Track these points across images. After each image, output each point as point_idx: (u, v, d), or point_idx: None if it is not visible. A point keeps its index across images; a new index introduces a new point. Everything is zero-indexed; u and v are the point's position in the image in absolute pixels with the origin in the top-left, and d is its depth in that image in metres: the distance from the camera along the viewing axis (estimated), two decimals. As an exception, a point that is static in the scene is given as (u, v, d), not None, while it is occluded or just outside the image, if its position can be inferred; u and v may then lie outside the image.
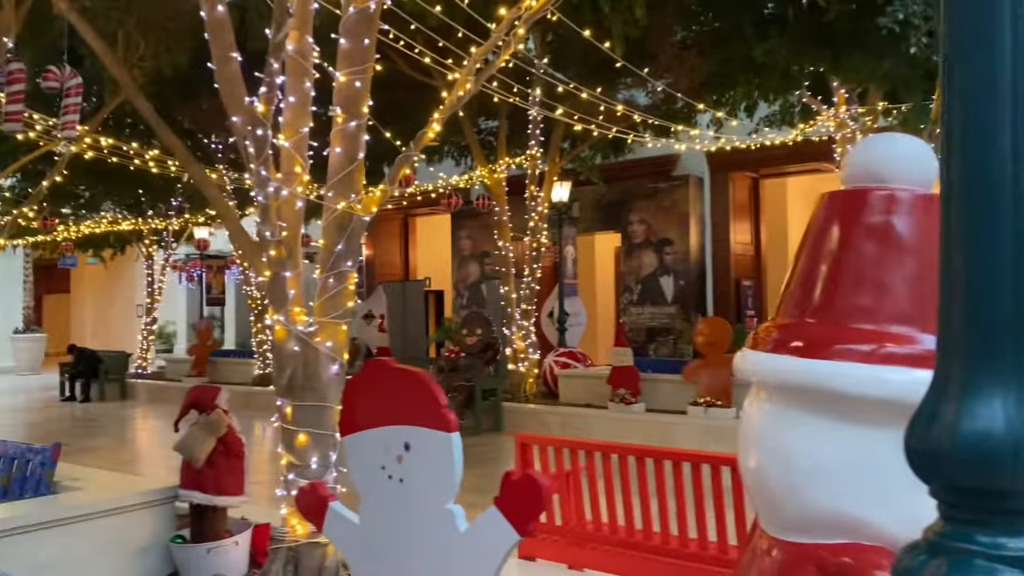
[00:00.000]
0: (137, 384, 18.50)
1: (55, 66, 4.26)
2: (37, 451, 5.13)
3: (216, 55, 4.76)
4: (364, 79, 4.77)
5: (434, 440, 2.83)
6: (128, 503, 4.62)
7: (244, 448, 4.81)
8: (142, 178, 15.62)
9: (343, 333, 4.62)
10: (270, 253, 4.37)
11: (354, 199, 4.68)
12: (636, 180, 17.36)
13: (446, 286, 21.81)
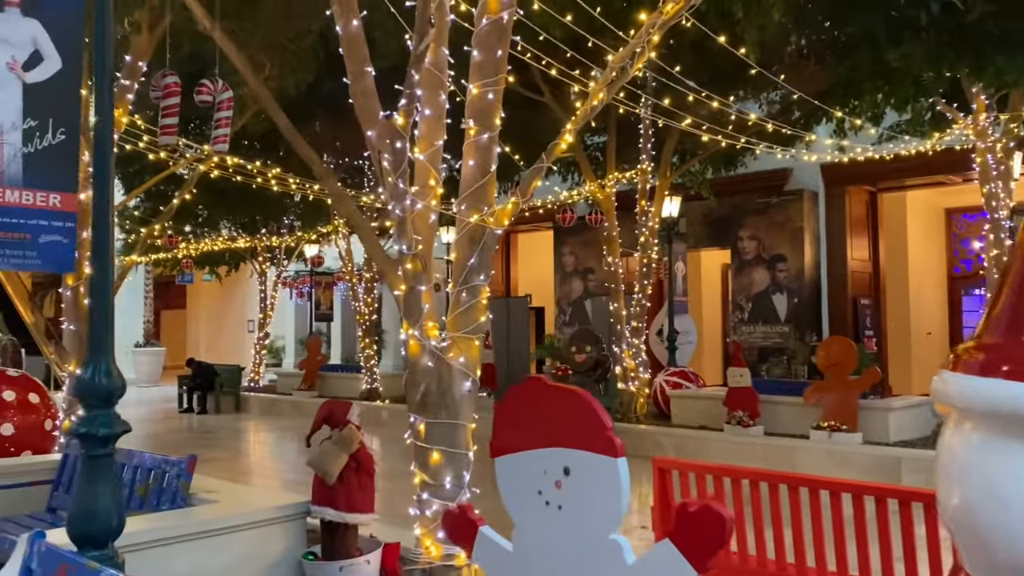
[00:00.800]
0: (250, 397, 19.02)
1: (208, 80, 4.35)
2: (173, 463, 5.20)
3: (351, 69, 4.76)
4: (496, 91, 4.69)
5: (598, 465, 2.65)
6: (263, 518, 4.60)
7: (375, 465, 4.74)
8: (258, 197, 16.12)
9: (476, 348, 4.51)
10: (406, 267, 4.30)
11: (487, 212, 4.58)
12: (746, 195, 16.86)
13: (547, 303, 21.68)
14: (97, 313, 3.11)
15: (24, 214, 3.47)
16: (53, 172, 3.52)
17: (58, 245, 3.52)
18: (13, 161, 3.41)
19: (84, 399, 3.11)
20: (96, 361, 3.08)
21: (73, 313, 7.67)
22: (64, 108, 3.57)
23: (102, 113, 3.07)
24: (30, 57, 3.49)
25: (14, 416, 7.89)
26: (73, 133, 3.58)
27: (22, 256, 3.46)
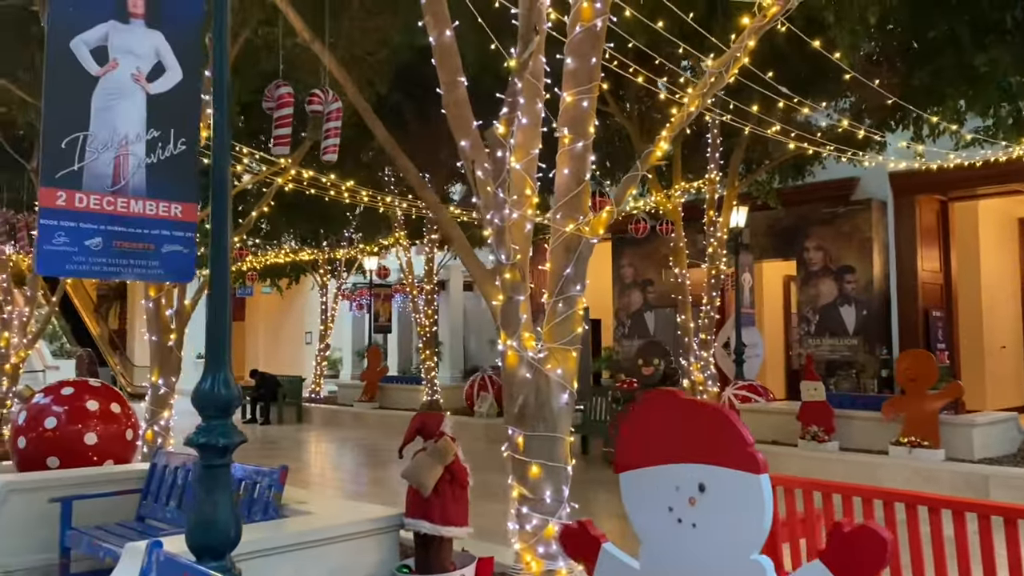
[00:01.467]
0: (312, 408, 19.20)
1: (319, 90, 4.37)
2: (265, 473, 5.22)
3: (444, 80, 4.74)
4: (591, 99, 4.63)
5: (737, 482, 2.55)
6: (358, 530, 4.58)
7: (469, 477, 4.69)
8: (319, 209, 16.31)
9: (573, 360, 4.44)
10: (504, 277, 4.25)
11: (582, 221, 4.52)
12: (812, 205, 16.54)
13: (603, 315, 21.51)
14: (215, 325, 3.11)
15: (147, 224, 3.51)
16: (174, 182, 3.55)
17: (179, 255, 3.55)
18: (137, 171, 3.45)
19: (203, 409, 3.11)
20: (215, 372, 3.08)
21: (155, 324, 7.78)
22: (184, 119, 3.61)
23: (219, 125, 3.08)
24: (153, 68, 3.54)
25: (97, 426, 8.00)
26: (193, 144, 3.62)
27: (145, 266, 3.49)
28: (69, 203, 3.31)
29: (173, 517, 5.84)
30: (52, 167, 3.27)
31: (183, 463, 6.02)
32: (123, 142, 3.42)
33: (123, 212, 3.43)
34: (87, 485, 6.29)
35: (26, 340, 12.25)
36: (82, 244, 3.32)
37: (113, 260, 3.41)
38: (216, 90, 3.07)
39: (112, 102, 3.41)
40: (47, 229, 3.24)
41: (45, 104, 3.33)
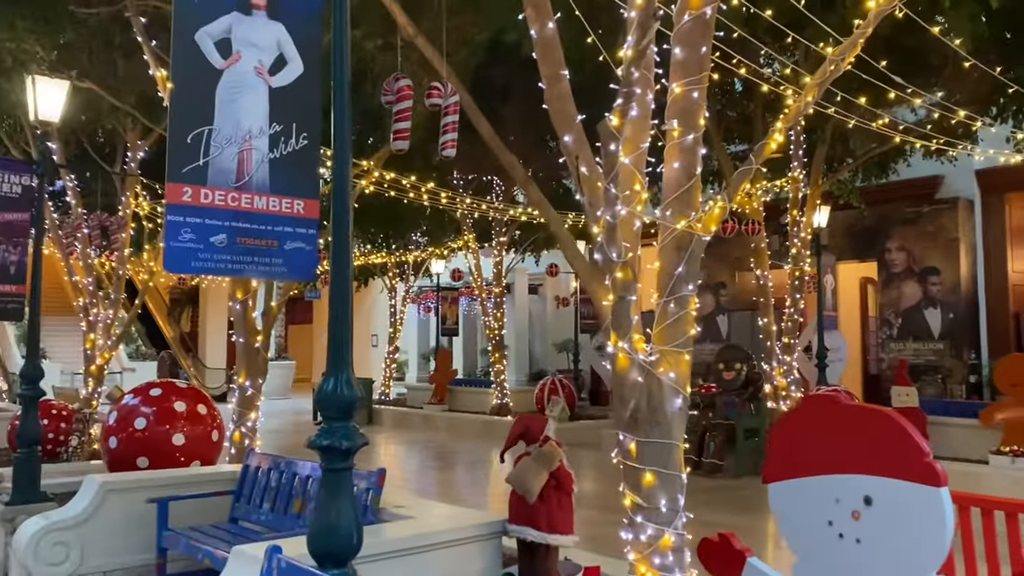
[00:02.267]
0: (382, 410, 19.28)
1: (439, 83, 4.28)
2: (363, 475, 5.13)
3: (546, 73, 4.60)
4: (701, 89, 4.44)
5: (912, 495, 2.33)
6: (460, 536, 4.46)
7: (574, 483, 4.53)
8: (390, 212, 16.33)
9: (686, 363, 4.25)
10: (615, 276, 4.09)
11: (693, 217, 4.33)
12: (894, 204, 15.96)
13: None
14: (336, 325, 3.02)
15: (271, 221, 3.45)
16: (296, 178, 3.49)
17: (301, 252, 3.49)
18: (260, 167, 3.40)
19: (325, 411, 3.02)
20: (336, 373, 2.99)
21: (242, 326, 7.81)
22: (306, 112, 3.54)
23: (340, 120, 2.99)
24: (275, 61, 3.48)
25: (184, 427, 8.06)
26: (314, 138, 3.55)
27: (269, 264, 3.43)
28: (195, 199, 3.26)
29: (267, 520, 5.81)
30: (178, 162, 3.23)
31: (274, 465, 5.99)
32: (247, 137, 3.36)
33: (247, 208, 3.37)
34: (181, 486, 6.31)
35: (110, 342, 12.51)
36: (207, 241, 3.27)
37: (237, 257, 3.35)
38: (337, 82, 2.98)
39: (236, 95, 3.35)
40: (173, 226, 3.20)
41: (171, 98, 3.28)
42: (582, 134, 4.51)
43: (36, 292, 6.89)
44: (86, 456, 10.47)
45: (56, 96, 6.83)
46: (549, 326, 25.10)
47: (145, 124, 11.86)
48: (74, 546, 5.79)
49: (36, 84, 6.70)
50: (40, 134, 6.91)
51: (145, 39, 7.61)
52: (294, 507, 5.63)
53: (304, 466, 5.74)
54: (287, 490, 5.75)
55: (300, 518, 5.52)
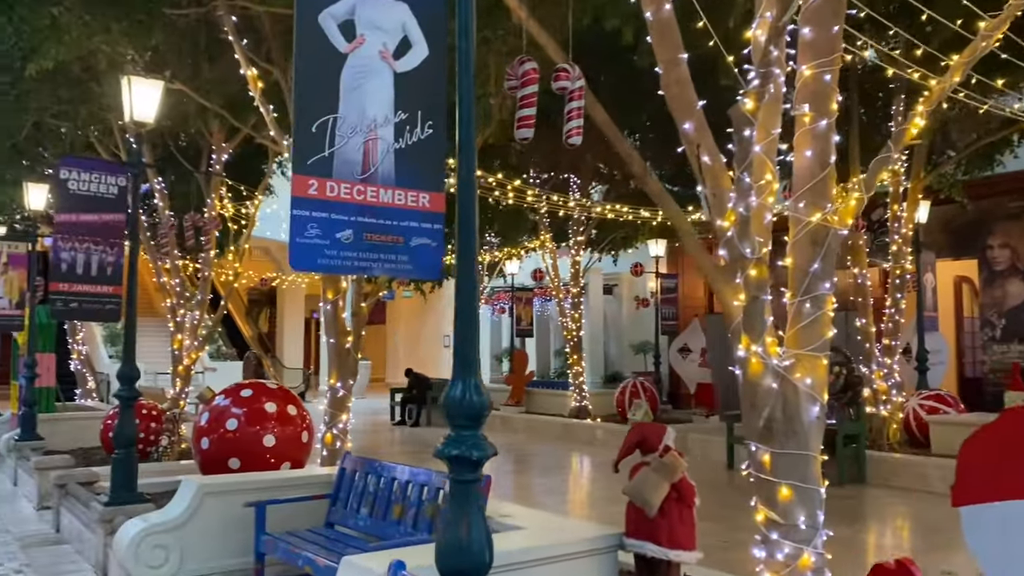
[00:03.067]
0: (458, 411, 19.15)
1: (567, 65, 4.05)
2: (465, 484, 4.93)
3: (663, 58, 4.32)
4: (833, 71, 4.10)
5: None
6: (574, 550, 4.21)
7: (696, 496, 4.24)
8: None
9: (823, 368, 3.91)
10: (749, 273, 3.78)
11: (829, 209, 3.99)
12: (996, 199, 15.12)
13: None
14: (463, 326, 2.80)
15: (396, 215, 3.26)
16: (422, 169, 3.29)
17: (427, 249, 3.29)
18: (385, 157, 3.21)
19: (453, 419, 2.80)
20: (465, 377, 2.77)
21: (332, 327, 7.72)
22: (431, 99, 3.34)
23: (465, 108, 2.77)
24: (399, 44, 3.29)
25: (275, 427, 8.01)
26: (440, 127, 3.35)
27: (395, 261, 3.25)
28: (320, 192, 3.08)
29: (365, 525, 5.66)
30: (303, 153, 3.05)
31: (372, 469, 5.84)
32: (371, 125, 3.18)
33: (373, 202, 3.18)
34: (277, 489, 6.22)
35: (196, 343, 12.65)
36: (333, 237, 3.09)
37: (364, 254, 3.16)
38: (461, 66, 2.77)
39: (360, 81, 3.17)
40: (299, 221, 3.02)
41: (296, 84, 3.12)
42: (703, 121, 4.22)
43: (132, 293, 6.91)
44: (175, 456, 10.57)
45: (151, 96, 6.84)
46: (625, 327, 24.66)
47: (230, 126, 11.98)
48: (173, 549, 5.74)
49: (132, 85, 6.71)
50: (135, 135, 6.93)
51: (236, 38, 7.58)
52: (394, 512, 5.46)
53: (403, 471, 5.57)
54: (386, 495, 5.58)
55: (400, 524, 5.35)
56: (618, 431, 15.12)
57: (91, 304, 6.80)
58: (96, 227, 6.67)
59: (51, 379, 12.06)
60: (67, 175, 6.60)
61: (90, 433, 11.71)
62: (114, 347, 24.95)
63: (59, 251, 6.51)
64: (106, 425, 10.68)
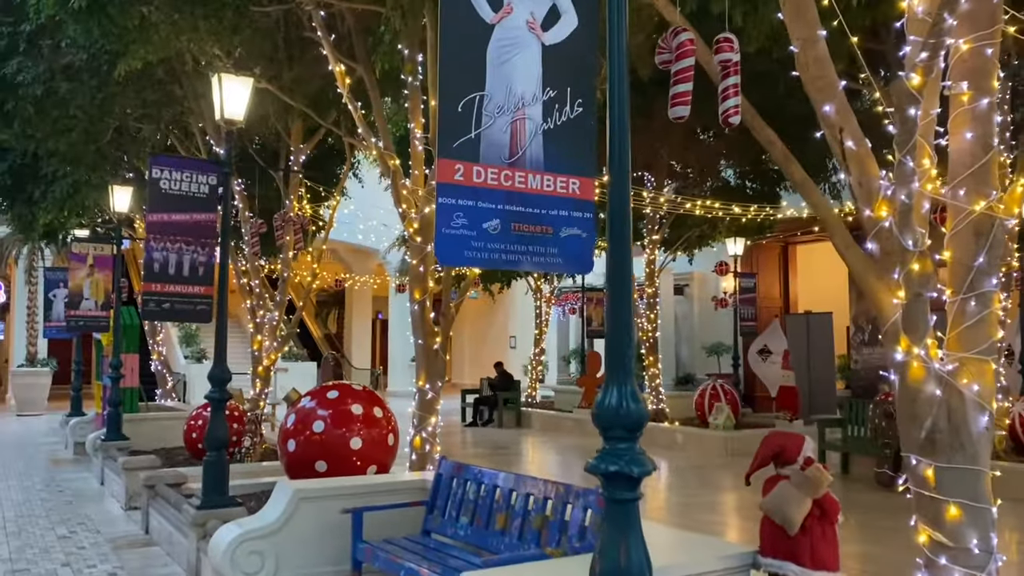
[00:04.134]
0: (531, 413, 18.91)
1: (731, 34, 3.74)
2: (578, 493, 4.66)
3: (799, 35, 3.97)
4: (994, 45, 3.71)
5: None
6: (705, 569, 3.89)
7: (840, 513, 3.89)
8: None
9: (991, 373, 3.53)
10: (911, 268, 3.43)
11: (994, 197, 3.61)
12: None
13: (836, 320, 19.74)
14: (615, 323, 2.53)
15: (545, 203, 3.00)
16: (572, 152, 3.02)
17: (577, 240, 3.02)
18: (533, 139, 2.95)
19: (608, 429, 2.53)
20: (620, 383, 2.49)
21: (420, 327, 7.53)
22: (580, 75, 3.07)
23: (616, 83, 2.50)
24: (547, 13, 3.03)
25: (361, 430, 7.86)
26: (590, 106, 3.08)
27: (544, 254, 2.99)
28: (467, 178, 2.84)
29: (466, 535, 5.42)
30: (448, 135, 2.81)
31: (472, 475, 5.61)
32: (519, 104, 2.92)
33: (521, 189, 2.93)
34: (373, 495, 6.04)
35: (276, 344, 12.65)
36: (480, 227, 2.84)
37: (511, 246, 2.91)
38: (611, 39, 2.50)
39: (507, 55, 2.92)
40: (445, 210, 2.78)
41: (440, 58, 2.88)
42: (845, 102, 3.86)
43: (223, 294, 6.82)
44: (257, 457, 10.55)
45: (241, 94, 6.74)
46: (696, 328, 24.12)
47: (307, 127, 11.96)
48: (269, 555, 5.60)
49: (223, 82, 6.62)
50: (226, 133, 6.85)
51: (324, 32, 7.45)
52: (497, 522, 5.21)
53: (507, 478, 5.32)
54: (487, 503, 5.34)
55: (505, 535, 5.10)
56: (698, 435, 14.68)
57: (183, 305, 6.74)
58: (187, 227, 6.60)
59: (135, 379, 12.19)
60: (159, 174, 6.55)
61: (172, 433, 11.80)
62: (189, 348, 25.40)
63: (151, 251, 6.47)
64: (189, 426, 10.72)
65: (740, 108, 3.72)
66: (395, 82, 9.31)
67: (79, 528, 8.56)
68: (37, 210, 14.11)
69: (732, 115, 3.56)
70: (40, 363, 22.42)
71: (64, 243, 18.81)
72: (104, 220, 17.76)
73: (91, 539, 8.07)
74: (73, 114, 10.92)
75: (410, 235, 7.70)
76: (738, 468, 12.48)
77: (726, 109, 3.53)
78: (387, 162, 7.77)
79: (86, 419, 14.19)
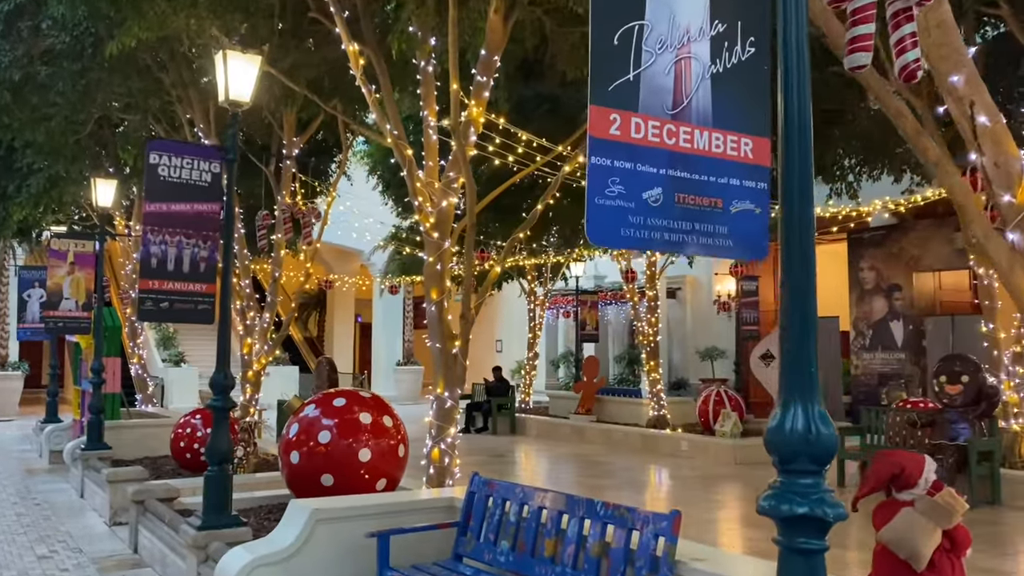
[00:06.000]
0: (525, 419, 18.35)
1: None
2: (646, 519, 4.12)
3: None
4: None
5: None
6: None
7: (971, 541, 3.38)
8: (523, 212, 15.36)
9: None
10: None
11: None
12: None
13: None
14: (796, 326, 1.99)
15: (714, 168, 2.40)
16: (743, 104, 2.43)
17: (749, 217, 2.43)
18: (700, 85, 2.37)
19: (788, 460, 1.98)
20: (805, 401, 1.95)
21: (437, 330, 6.96)
22: (753, 7, 2.49)
23: (792, 20, 1.98)
24: None
25: (370, 440, 7.28)
26: (764, 47, 2.50)
27: (712, 234, 2.40)
28: (624, 132, 2.23)
29: (508, 561, 4.85)
30: (602, 75, 2.22)
31: (511, 494, 5.04)
32: (684, 38, 2.34)
33: (686, 149, 2.33)
34: (396, 515, 5.45)
35: (266, 347, 12.01)
36: (639, 198, 2.24)
37: (675, 223, 2.31)
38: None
39: None
40: (598, 173, 2.18)
41: None
42: (975, 72, 3.37)
43: (226, 291, 6.20)
44: (251, 468, 9.91)
45: (248, 73, 6.14)
46: (689, 332, 23.71)
47: (301, 120, 11.33)
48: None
49: (228, 60, 6.01)
50: (230, 116, 6.24)
51: (337, 7, 6.88)
52: (545, 549, 4.65)
53: (556, 498, 4.76)
54: (532, 526, 4.78)
55: (556, 564, 4.54)
56: (703, 443, 14.19)
57: (183, 304, 6.12)
58: (188, 218, 5.99)
59: (117, 384, 11.48)
60: (156, 160, 5.92)
61: (157, 441, 11.12)
62: (167, 351, 24.58)
63: (149, 245, 5.84)
64: (177, 434, 10.05)
65: (921, 62, 3.22)
66: (400, 68, 8.76)
67: (60, 547, 7.88)
68: (11, 206, 13.34)
69: (916, 69, 3.05)
70: (11, 366, 21.50)
71: (38, 241, 17.98)
72: (82, 217, 16.98)
73: (74, 559, 7.40)
74: (53, 101, 10.23)
75: (426, 230, 7.13)
76: (750, 478, 12.00)
77: (906, 63, 3.03)
78: (402, 152, 7.19)
79: (63, 426, 13.43)
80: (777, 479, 2.01)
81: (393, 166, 18.78)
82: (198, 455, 9.90)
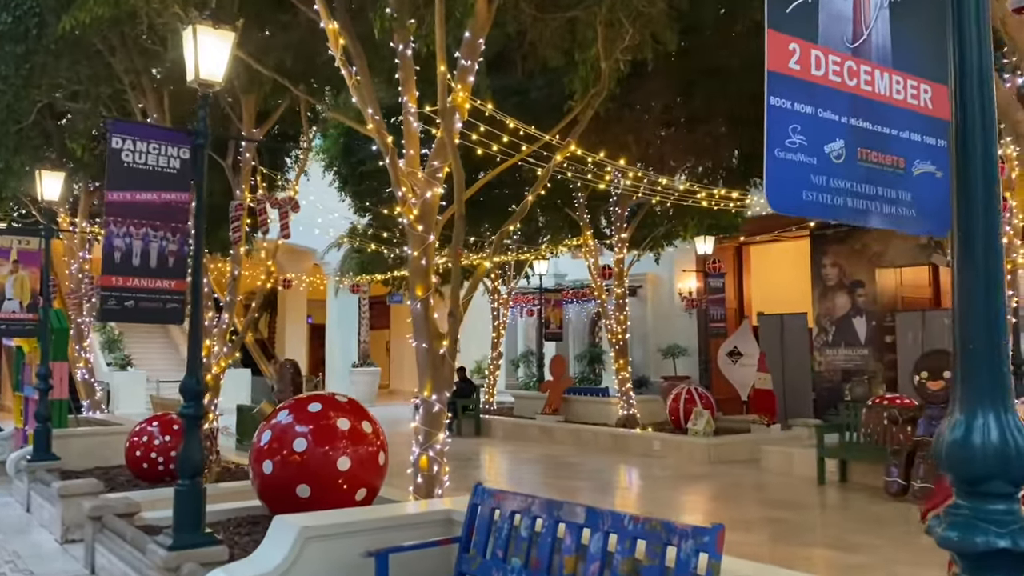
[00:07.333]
0: (491, 420, 17.94)
1: None
2: (685, 533, 3.75)
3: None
4: None
5: None
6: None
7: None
8: (495, 207, 14.96)
9: None
10: None
11: None
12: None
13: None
14: (983, 318, 1.64)
15: (895, 119, 1.92)
16: (924, 43, 2.01)
17: (930, 181, 2.00)
18: (879, 15, 1.92)
19: (980, 481, 1.61)
20: (997, 408, 1.59)
21: (424, 329, 6.53)
22: None
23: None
24: None
25: (348, 448, 6.85)
26: None
27: (895, 201, 1.96)
28: (803, 67, 1.75)
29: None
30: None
31: (523, 507, 4.63)
32: None
33: (867, 93, 1.88)
34: (390, 530, 5.01)
35: (225, 350, 11.39)
36: (821, 151, 1.81)
37: (856, 186, 1.85)
38: None
39: None
40: (778, 117, 1.72)
41: None
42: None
43: (197, 287, 5.68)
44: (213, 477, 9.33)
45: (220, 50, 5.62)
46: (651, 330, 23.58)
47: (259, 111, 10.76)
48: (270, 610, 4.53)
49: (198, 35, 5.49)
50: (201, 98, 5.71)
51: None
52: (564, 567, 4.26)
53: (572, 509, 4.37)
54: (548, 542, 4.38)
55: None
56: (676, 442, 13.94)
57: (150, 302, 5.56)
58: (155, 208, 5.43)
59: (64, 390, 10.76)
60: (119, 144, 5.35)
61: (109, 450, 10.45)
62: (112, 354, 23.56)
63: (112, 237, 5.27)
64: (132, 443, 9.41)
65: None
66: (373, 53, 8.32)
67: (7, 568, 7.23)
68: (-55, 200, 12.49)
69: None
70: (-57, 372, 20.34)
71: (-26, 239, 16.94)
72: (21, 214, 16.06)
73: (24, 583, 6.79)
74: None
75: (410, 222, 6.69)
76: (725, 477, 11.80)
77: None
78: (383, 139, 6.74)
79: (3, 435, 12.61)
80: (957, 501, 1.66)
81: (353, 161, 18.21)
82: (156, 465, 9.28)
